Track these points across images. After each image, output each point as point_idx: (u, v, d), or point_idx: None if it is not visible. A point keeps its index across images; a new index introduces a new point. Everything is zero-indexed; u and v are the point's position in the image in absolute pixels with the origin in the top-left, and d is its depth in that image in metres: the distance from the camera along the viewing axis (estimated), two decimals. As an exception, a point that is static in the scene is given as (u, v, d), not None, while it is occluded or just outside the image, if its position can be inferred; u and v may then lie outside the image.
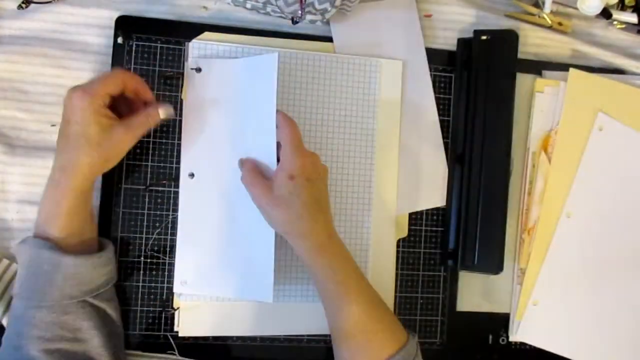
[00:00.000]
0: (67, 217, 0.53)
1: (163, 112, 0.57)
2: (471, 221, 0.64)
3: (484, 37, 0.66)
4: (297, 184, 0.54)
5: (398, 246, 0.66)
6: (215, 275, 0.61)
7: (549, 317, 0.68)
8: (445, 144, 0.68)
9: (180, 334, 0.61)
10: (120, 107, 0.57)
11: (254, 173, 0.57)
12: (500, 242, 0.64)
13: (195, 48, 0.62)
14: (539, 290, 0.67)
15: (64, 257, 0.52)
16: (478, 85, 0.65)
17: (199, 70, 0.62)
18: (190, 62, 0.62)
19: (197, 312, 0.62)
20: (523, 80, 0.70)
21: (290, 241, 0.56)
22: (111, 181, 0.61)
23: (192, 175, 0.62)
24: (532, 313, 0.67)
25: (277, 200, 0.54)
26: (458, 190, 0.66)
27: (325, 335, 0.64)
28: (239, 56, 0.63)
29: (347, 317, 0.55)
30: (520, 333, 0.67)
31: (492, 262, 0.64)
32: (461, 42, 0.69)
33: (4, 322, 0.57)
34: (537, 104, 0.69)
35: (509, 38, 0.66)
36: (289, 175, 0.54)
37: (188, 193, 0.62)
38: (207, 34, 0.63)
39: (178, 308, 0.61)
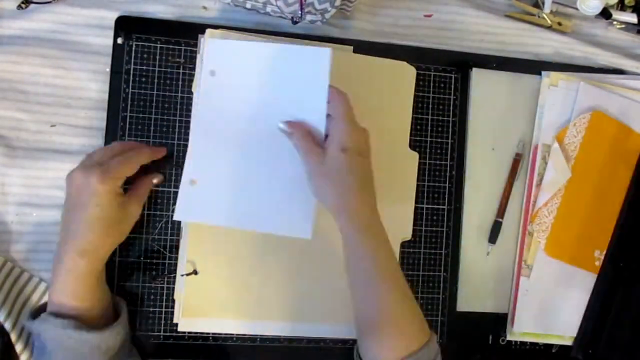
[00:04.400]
0: (87, 297, 0.53)
1: (157, 180, 0.61)
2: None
3: None
4: (349, 157, 0.51)
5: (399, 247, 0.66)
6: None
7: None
8: (446, 143, 0.68)
9: (179, 329, 0.61)
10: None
11: (310, 138, 0.53)
12: None
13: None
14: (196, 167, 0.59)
15: (89, 334, 0.51)
16: None
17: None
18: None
19: (197, 307, 0.61)
20: (523, 80, 0.70)
21: (336, 217, 0.52)
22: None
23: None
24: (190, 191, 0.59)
25: (328, 173, 0.51)
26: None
27: (326, 338, 0.64)
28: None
29: (380, 305, 0.52)
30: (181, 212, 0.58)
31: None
32: None
33: (7, 326, 0.57)
34: (550, 97, 0.69)
35: None
36: (342, 147, 0.51)
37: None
38: (221, 31, 0.61)
39: (180, 302, 0.61)
